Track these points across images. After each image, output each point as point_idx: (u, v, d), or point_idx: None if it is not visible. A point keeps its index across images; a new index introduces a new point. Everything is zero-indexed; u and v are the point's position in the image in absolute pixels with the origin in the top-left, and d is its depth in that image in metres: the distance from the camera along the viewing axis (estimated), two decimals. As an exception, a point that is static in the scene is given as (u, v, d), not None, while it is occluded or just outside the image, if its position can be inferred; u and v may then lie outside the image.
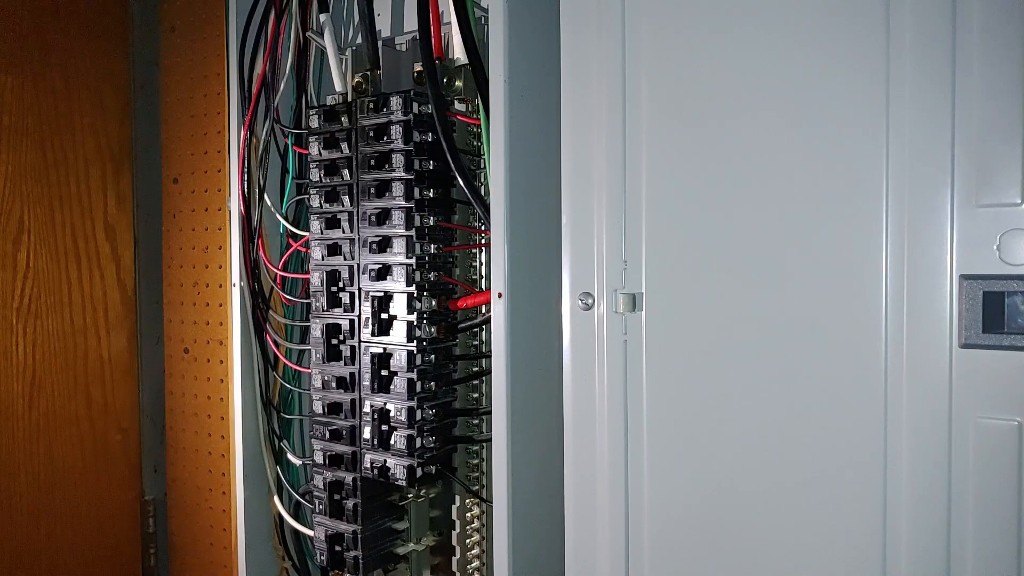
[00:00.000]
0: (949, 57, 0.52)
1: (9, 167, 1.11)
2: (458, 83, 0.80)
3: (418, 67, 0.82)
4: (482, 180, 0.80)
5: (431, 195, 0.78)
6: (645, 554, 0.67)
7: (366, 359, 0.80)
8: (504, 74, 0.69)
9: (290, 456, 0.94)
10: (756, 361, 0.61)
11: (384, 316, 0.79)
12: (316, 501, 0.84)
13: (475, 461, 0.85)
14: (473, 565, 0.85)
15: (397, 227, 0.77)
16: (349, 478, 0.81)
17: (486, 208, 0.72)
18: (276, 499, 0.95)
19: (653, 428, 0.66)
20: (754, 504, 0.61)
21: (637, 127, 0.66)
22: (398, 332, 0.78)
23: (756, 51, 0.60)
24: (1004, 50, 0.51)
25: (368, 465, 0.79)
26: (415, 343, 0.77)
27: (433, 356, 0.78)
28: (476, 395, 0.85)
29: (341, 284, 0.83)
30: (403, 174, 0.76)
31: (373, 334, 0.80)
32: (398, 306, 0.78)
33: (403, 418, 0.77)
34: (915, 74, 0.54)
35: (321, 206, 0.83)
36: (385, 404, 0.78)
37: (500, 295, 0.69)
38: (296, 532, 0.95)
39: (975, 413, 0.52)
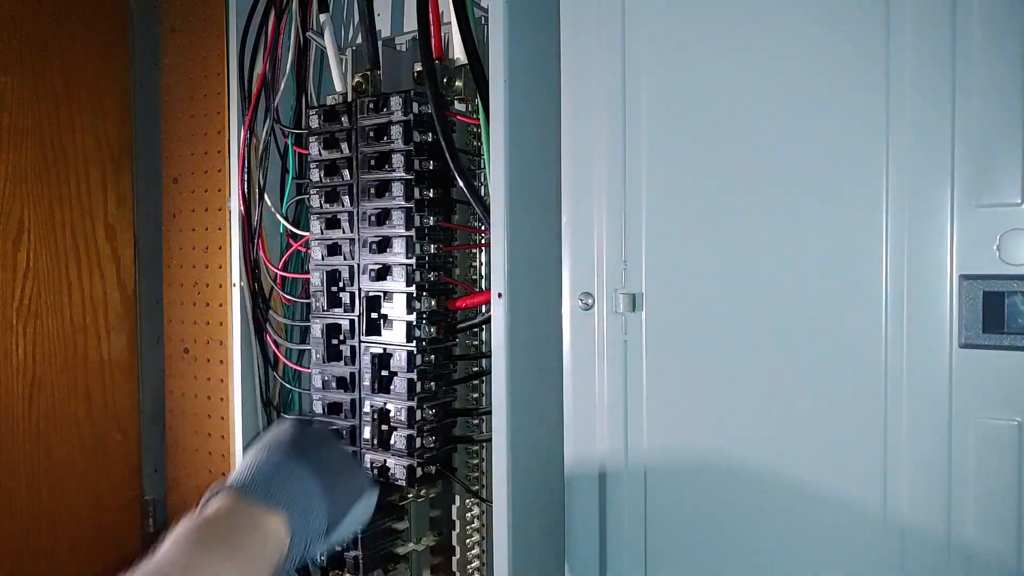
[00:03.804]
0: (949, 57, 0.52)
1: (9, 167, 1.11)
2: (458, 83, 0.80)
3: (418, 67, 0.81)
4: (482, 180, 0.80)
5: (431, 195, 0.78)
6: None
7: (366, 359, 0.80)
8: (504, 74, 0.69)
9: (290, 456, 0.94)
10: (756, 361, 0.61)
11: (380, 314, 0.79)
12: (316, 501, 0.84)
13: (475, 461, 0.85)
14: (473, 565, 0.85)
15: (397, 227, 0.77)
16: (349, 478, 0.81)
17: (486, 208, 0.72)
18: (276, 499, 0.95)
19: (653, 428, 0.66)
20: (754, 504, 0.61)
21: (637, 127, 0.66)
22: (398, 332, 0.78)
23: (756, 52, 0.60)
24: (1004, 50, 0.51)
25: (368, 465, 0.79)
26: (415, 343, 0.77)
27: (433, 356, 0.78)
28: (476, 395, 0.85)
29: (341, 284, 0.83)
30: (403, 174, 0.76)
31: (367, 334, 0.80)
32: (398, 306, 0.78)
33: (403, 418, 0.77)
34: (915, 74, 0.54)
35: (321, 206, 0.83)
36: (385, 404, 0.78)
37: (500, 295, 0.69)
38: (296, 532, 0.95)
39: (975, 413, 0.52)
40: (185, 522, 0.45)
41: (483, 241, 0.82)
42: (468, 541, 0.84)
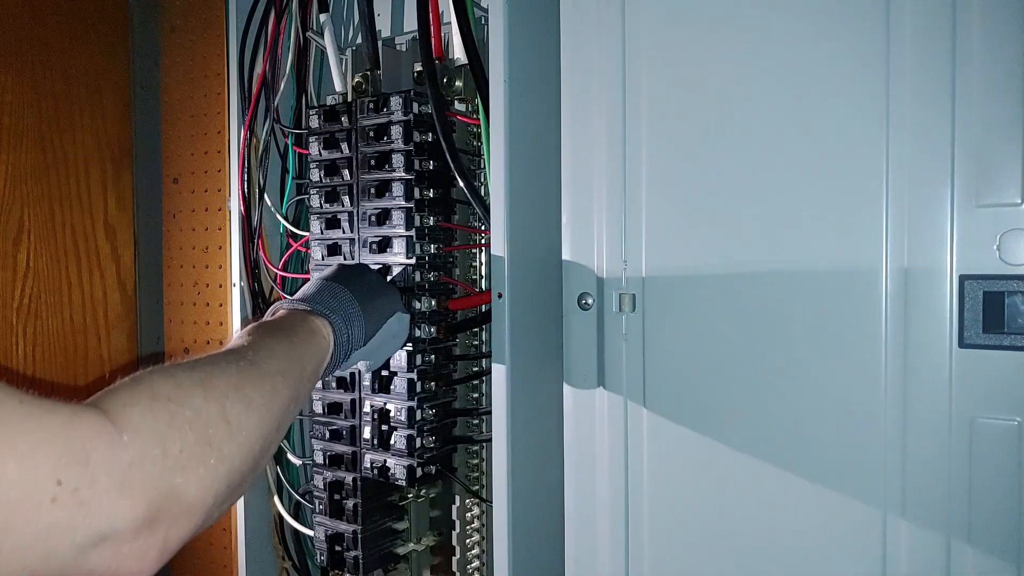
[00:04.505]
0: (949, 57, 0.52)
1: (9, 167, 1.11)
2: (458, 83, 0.80)
3: (418, 67, 0.81)
4: (482, 180, 0.80)
5: (431, 195, 0.78)
6: (645, 553, 0.67)
7: (366, 359, 0.80)
8: (504, 74, 0.69)
9: (290, 456, 0.94)
10: (756, 361, 0.61)
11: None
12: (316, 501, 0.84)
13: (475, 461, 0.85)
14: (473, 565, 0.85)
15: (397, 227, 0.77)
16: (349, 478, 0.81)
17: (486, 208, 0.72)
18: (276, 499, 0.95)
19: (653, 427, 0.66)
20: (753, 501, 0.61)
21: (637, 127, 0.66)
22: (398, 332, 0.78)
23: (756, 51, 0.60)
24: (1004, 50, 0.51)
25: (368, 465, 0.79)
26: (415, 343, 0.77)
27: (433, 356, 0.78)
28: (476, 395, 0.85)
29: (341, 284, 0.83)
30: (403, 174, 0.76)
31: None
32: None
33: (403, 418, 0.77)
34: (915, 74, 0.54)
35: (321, 206, 0.83)
36: (385, 404, 0.78)
37: (500, 295, 0.69)
38: (296, 532, 0.95)
39: (975, 413, 0.52)
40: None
41: (483, 241, 0.82)
42: (468, 541, 0.84)
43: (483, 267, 0.84)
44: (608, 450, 0.68)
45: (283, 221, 0.95)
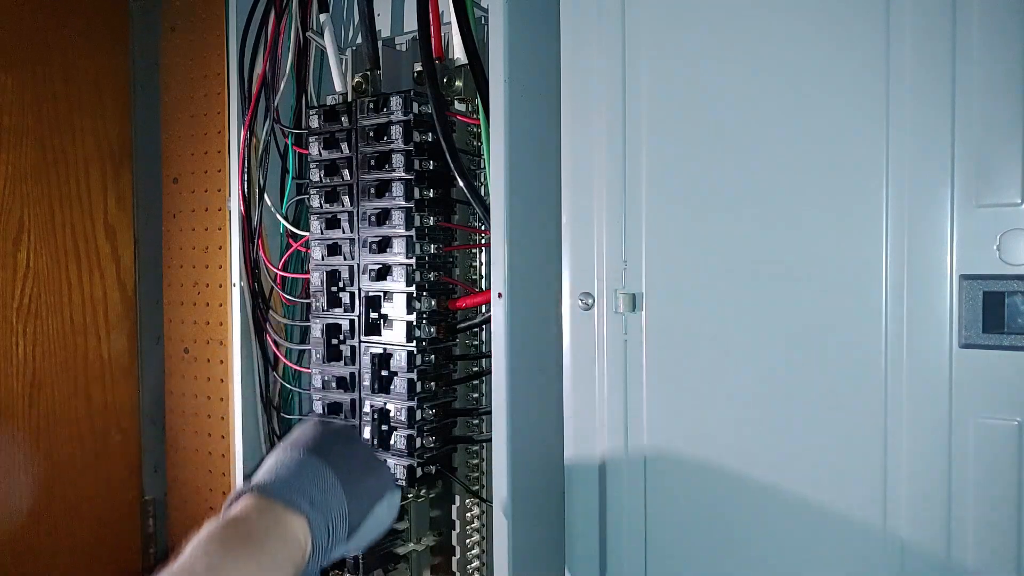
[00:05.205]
0: (949, 57, 0.52)
1: (9, 167, 1.11)
2: (458, 83, 0.80)
3: (418, 67, 0.82)
4: (482, 180, 0.80)
5: (431, 195, 0.78)
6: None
7: (366, 359, 0.80)
8: (504, 74, 0.69)
9: (290, 456, 0.94)
10: (756, 361, 0.61)
11: (380, 314, 0.79)
12: (316, 501, 0.84)
13: (475, 461, 0.85)
14: (473, 565, 0.85)
15: (397, 227, 0.77)
16: (349, 478, 0.81)
17: (486, 208, 0.72)
18: (276, 499, 0.95)
19: (653, 428, 0.66)
20: (754, 503, 0.61)
21: (637, 127, 0.66)
22: (398, 332, 0.78)
23: (756, 51, 0.60)
24: (1004, 50, 0.51)
25: (368, 465, 0.79)
26: (415, 343, 0.77)
27: (433, 356, 0.78)
28: (476, 395, 0.85)
29: (341, 284, 0.83)
30: (403, 174, 0.76)
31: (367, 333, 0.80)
32: (398, 306, 0.78)
33: (403, 418, 0.77)
34: (915, 74, 0.54)
35: (321, 206, 0.83)
36: (385, 404, 0.78)
37: (500, 295, 0.69)
38: (296, 532, 0.95)
39: (975, 413, 0.52)
40: (209, 524, 0.45)
41: (483, 241, 0.82)
42: (468, 541, 0.84)
43: (483, 267, 0.84)
44: (608, 445, 0.68)
45: (283, 221, 0.95)
